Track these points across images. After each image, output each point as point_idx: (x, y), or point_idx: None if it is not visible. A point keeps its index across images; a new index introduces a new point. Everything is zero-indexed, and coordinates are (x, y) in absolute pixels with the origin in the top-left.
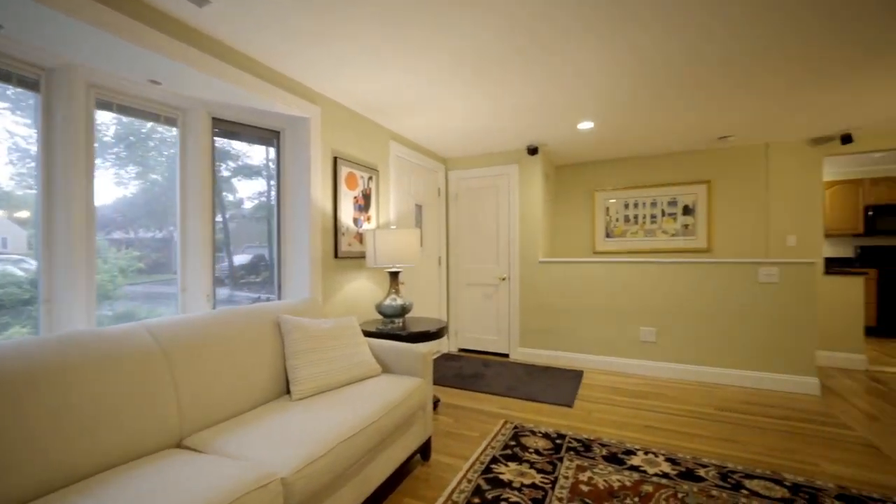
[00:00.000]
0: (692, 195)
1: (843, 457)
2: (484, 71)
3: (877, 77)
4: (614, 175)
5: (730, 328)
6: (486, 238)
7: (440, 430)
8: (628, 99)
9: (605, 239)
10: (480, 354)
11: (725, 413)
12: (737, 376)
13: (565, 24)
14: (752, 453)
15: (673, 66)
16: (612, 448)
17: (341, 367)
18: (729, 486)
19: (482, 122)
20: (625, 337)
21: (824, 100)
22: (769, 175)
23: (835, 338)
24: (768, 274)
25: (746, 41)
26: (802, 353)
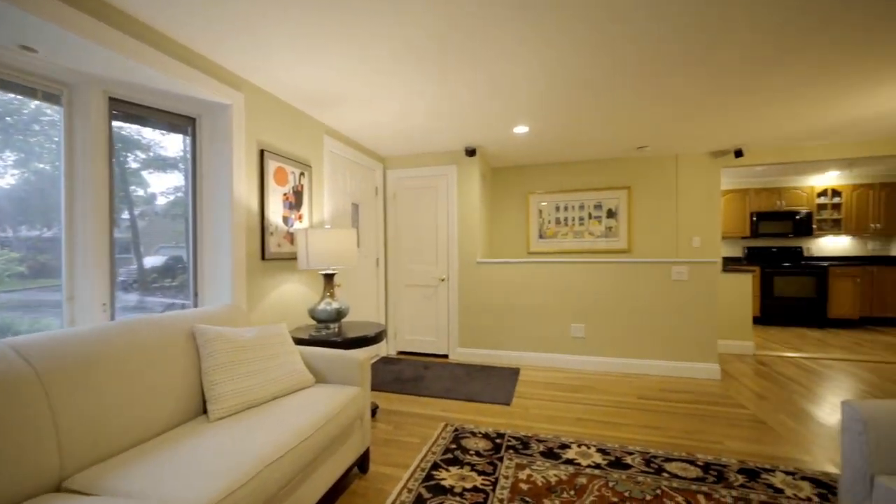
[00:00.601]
0: (615, 199)
1: (741, 434)
2: (424, 69)
3: (763, 100)
4: (547, 179)
5: (648, 322)
6: (426, 239)
7: (379, 439)
8: (559, 107)
9: (538, 240)
10: (420, 356)
11: (646, 401)
12: (654, 366)
13: (497, 35)
14: (669, 437)
15: (594, 80)
16: (548, 443)
17: (268, 379)
18: (652, 470)
19: (421, 121)
20: (557, 334)
21: (721, 118)
22: (678, 183)
23: (729, 328)
24: (679, 272)
25: (654, 64)
26: (707, 343)
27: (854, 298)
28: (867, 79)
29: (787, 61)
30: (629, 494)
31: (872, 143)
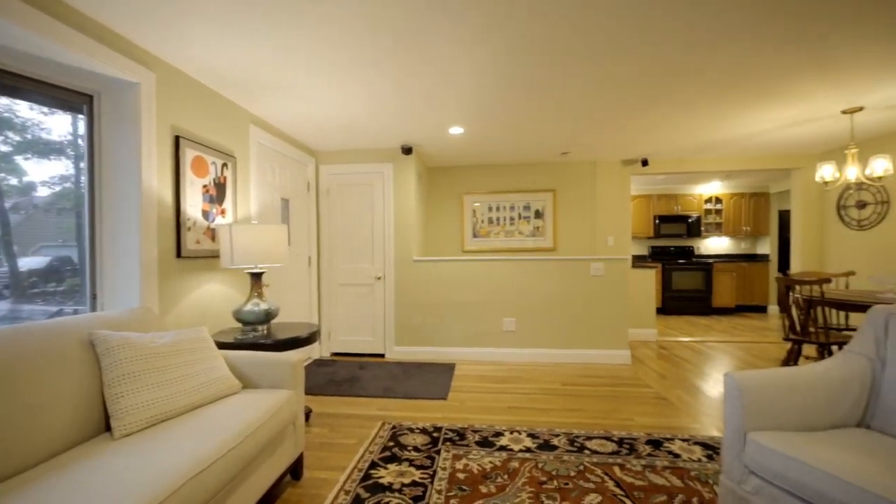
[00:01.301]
0: (542, 201)
1: (647, 409)
2: (360, 62)
3: (662, 116)
4: (481, 180)
5: (570, 315)
6: (361, 236)
7: (313, 443)
8: (492, 112)
9: (472, 239)
10: (356, 357)
11: (569, 387)
12: (576, 355)
13: (429, 37)
14: (590, 418)
15: (524, 88)
16: (483, 433)
17: (187, 388)
18: (575, 449)
19: (357, 117)
20: (491, 328)
21: (630, 131)
22: (596, 187)
23: (637, 318)
24: (597, 268)
25: (570, 78)
26: (619, 332)
27: (731, 290)
28: (742, 104)
29: (678, 86)
30: (556, 472)
31: (745, 158)
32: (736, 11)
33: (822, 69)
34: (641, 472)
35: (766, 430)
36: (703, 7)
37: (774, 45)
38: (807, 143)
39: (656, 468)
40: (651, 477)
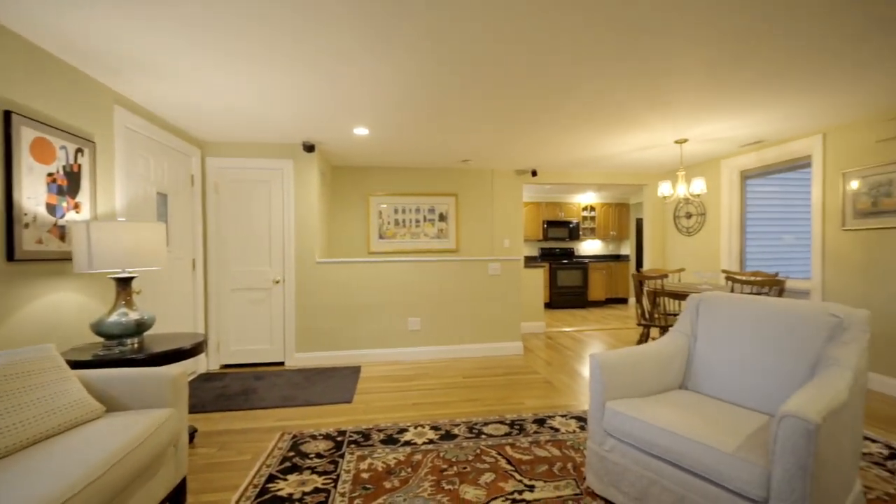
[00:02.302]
0: (446, 205)
1: (535, 393)
2: (255, 50)
3: (546, 134)
4: (387, 181)
5: (471, 312)
6: (258, 237)
7: (199, 466)
8: (396, 117)
9: (378, 240)
10: (251, 368)
11: (470, 379)
12: (476, 349)
13: (339, 43)
14: (487, 406)
15: (428, 98)
16: (388, 431)
17: (25, 419)
18: (474, 435)
19: (251, 108)
20: (396, 328)
21: (521, 145)
22: (494, 193)
23: (529, 312)
24: (494, 268)
25: (464, 100)
26: (513, 325)
27: (602, 285)
28: (603, 130)
29: (554, 114)
30: (456, 459)
31: (611, 174)
32: (589, 61)
33: (657, 107)
34: (528, 447)
35: (619, 399)
36: (562, 56)
37: (621, 85)
38: (652, 164)
39: (540, 443)
40: (536, 451)
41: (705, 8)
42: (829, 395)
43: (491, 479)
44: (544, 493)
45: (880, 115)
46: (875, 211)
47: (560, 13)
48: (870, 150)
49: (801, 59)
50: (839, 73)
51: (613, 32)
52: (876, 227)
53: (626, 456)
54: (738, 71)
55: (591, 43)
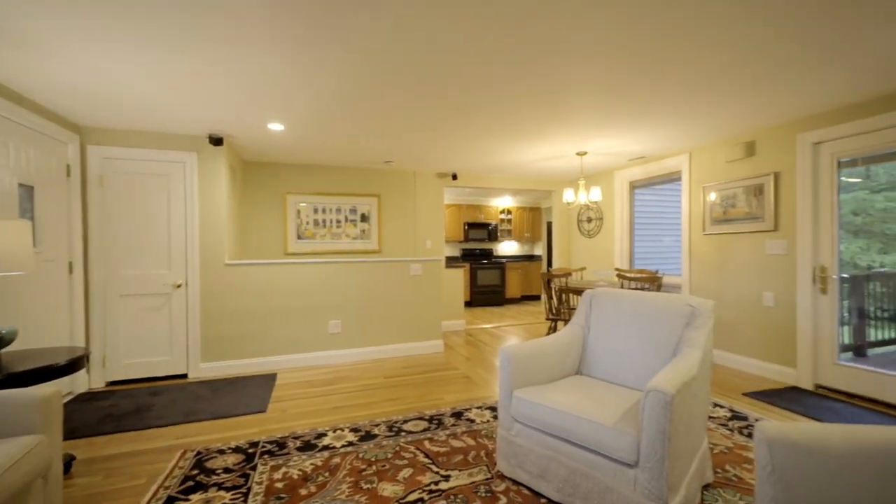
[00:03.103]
0: (368, 205)
1: (454, 388)
2: (150, 26)
3: (460, 140)
4: (306, 180)
5: (393, 312)
6: (155, 237)
7: (78, 498)
8: (314, 114)
9: (296, 241)
10: (146, 383)
11: (391, 379)
12: (398, 349)
13: (240, 33)
14: (407, 404)
15: (348, 103)
16: (305, 437)
17: None
18: (393, 433)
19: (147, 93)
20: (316, 332)
21: (440, 149)
22: (416, 195)
23: (450, 311)
24: (416, 269)
25: (384, 101)
26: (434, 324)
27: (518, 284)
28: (513, 140)
29: (468, 122)
30: (375, 458)
31: (525, 180)
32: (499, 80)
33: (560, 122)
34: (446, 440)
35: (525, 387)
36: (469, 77)
37: (527, 101)
38: (558, 173)
39: (457, 434)
40: (453, 442)
41: (596, 43)
42: (683, 370)
43: (409, 474)
44: (459, 481)
45: (729, 140)
46: (725, 218)
47: (473, 28)
48: (722, 169)
49: (672, 93)
50: (700, 106)
51: (520, 55)
52: (726, 231)
53: (529, 438)
54: (624, 98)
55: (500, 62)
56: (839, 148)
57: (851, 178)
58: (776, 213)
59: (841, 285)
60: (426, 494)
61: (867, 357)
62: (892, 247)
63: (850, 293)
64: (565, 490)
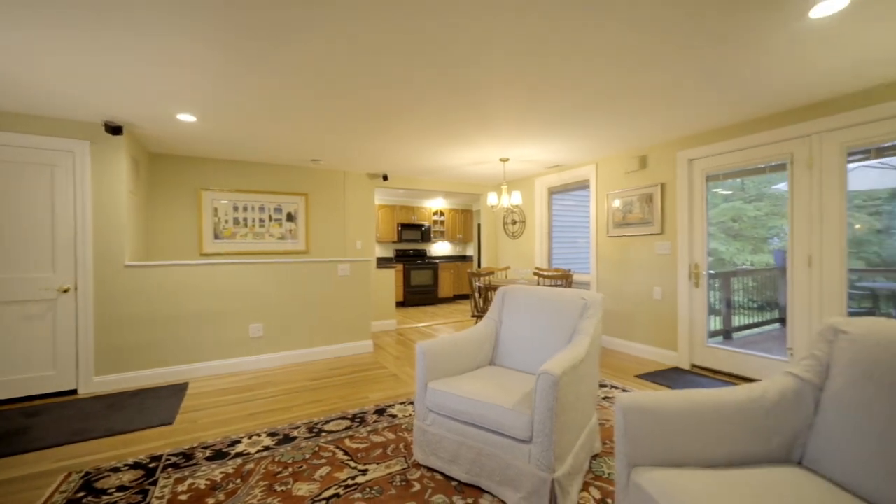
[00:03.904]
0: (294, 204)
1: (381, 386)
2: None
3: (388, 141)
4: (225, 176)
5: (319, 314)
6: (34, 236)
7: None
8: (229, 107)
9: (213, 240)
10: (23, 403)
11: (316, 382)
12: (325, 351)
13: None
14: (331, 405)
15: (267, 100)
16: (216, 447)
17: None
18: (314, 434)
19: (24, 66)
20: (235, 337)
21: (371, 149)
22: (346, 195)
23: (381, 311)
24: (344, 269)
25: (319, 102)
26: (363, 325)
27: (451, 283)
28: (442, 144)
29: (393, 124)
30: (293, 460)
31: (456, 183)
32: (429, 86)
33: (483, 130)
34: (367, 436)
35: (439, 379)
36: (388, 77)
37: (451, 107)
38: (486, 176)
39: (378, 430)
40: (373, 438)
41: (507, 66)
42: (572, 355)
43: (326, 472)
44: (376, 474)
45: (627, 154)
46: (625, 222)
47: (392, 29)
48: (622, 179)
49: (579, 110)
50: (603, 123)
51: (438, 66)
52: (625, 234)
53: (442, 426)
54: (535, 112)
55: (421, 64)
56: (707, 164)
57: (725, 191)
58: (662, 218)
59: (710, 281)
60: (342, 490)
61: (733, 339)
62: (759, 248)
63: (721, 287)
64: (473, 471)
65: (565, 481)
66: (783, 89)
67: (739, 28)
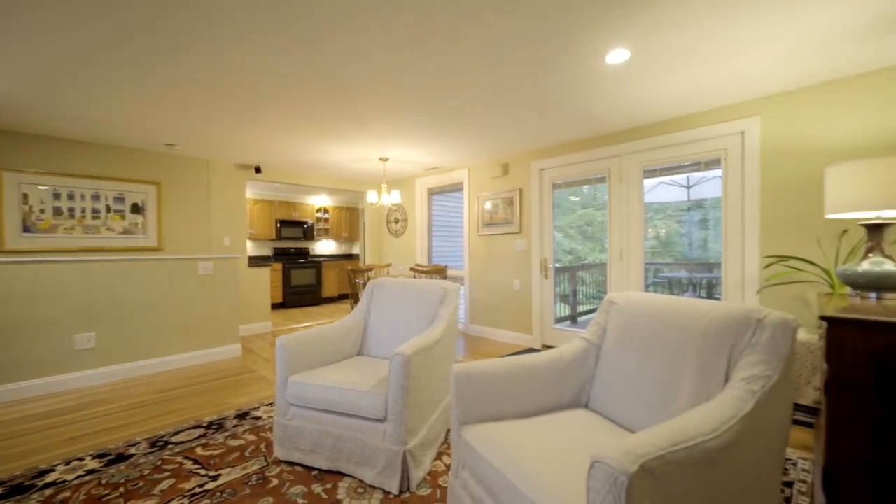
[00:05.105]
0: (142, 194)
1: (247, 390)
2: None
3: (266, 128)
4: (40, 154)
5: (175, 318)
6: None
7: None
8: (38, 70)
9: (22, 234)
10: None
11: (166, 393)
12: (181, 359)
13: None
14: (183, 416)
15: (81, 59)
16: (15, 481)
17: None
18: (157, 448)
19: None
20: (53, 351)
21: (240, 137)
22: (210, 186)
23: (254, 313)
24: (205, 267)
25: (164, 69)
26: (230, 328)
27: (336, 283)
28: (320, 139)
29: (261, 112)
30: (126, 479)
31: (340, 179)
32: (291, 73)
33: (359, 127)
34: (223, 442)
35: (301, 372)
36: (263, 55)
37: (324, 101)
38: (368, 175)
39: (238, 434)
40: (231, 443)
41: (387, 68)
42: (426, 338)
43: (169, 485)
44: (230, 477)
45: (493, 161)
46: (492, 222)
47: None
48: (489, 183)
49: (452, 119)
50: (470, 134)
51: (311, 57)
52: (492, 233)
53: (303, 418)
54: (412, 113)
55: (288, 55)
56: (553, 174)
57: (574, 197)
58: (520, 219)
59: (559, 274)
60: (187, 499)
61: (578, 322)
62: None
63: (569, 279)
64: (333, 457)
65: (418, 452)
66: (602, 116)
67: (562, 66)
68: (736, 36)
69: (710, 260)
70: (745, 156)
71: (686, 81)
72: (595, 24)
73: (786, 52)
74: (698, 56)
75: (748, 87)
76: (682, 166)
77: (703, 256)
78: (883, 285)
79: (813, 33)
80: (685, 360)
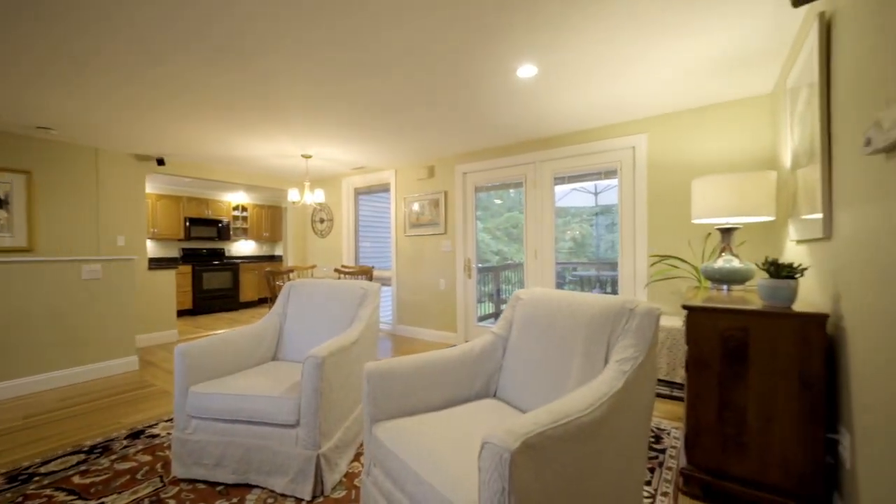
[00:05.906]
0: (6, 184)
1: (143, 407)
2: None
3: (178, 116)
4: None
5: (55, 330)
6: None
7: None
8: None
9: None
10: None
11: (36, 418)
12: (65, 376)
13: None
14: (59, 442)
15: None
16: None
17: None
18: (18, 483)
19: None
20: None
21: (141, 126)
22: (99, 178)
23: (156, 321)
24: (91, 270)
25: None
26: (124, 339)
27: (255, 286)
28: (232, 128)
29: (175, 102)
30: None
31: (259, 176)
32: (193, 51)
33: (275, 122)
34: (109, 466)
35: (205, 381)
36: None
37: (230, 87)
38: (290, 172)
39: (129, 456)
40: (119, 466)
41: (303, 54)
42: (343, 339)
43: None
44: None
45: (419, 163)
46: (419, 223)
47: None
48: (416, 185)
49: (376, 120)
50: (397, 134)
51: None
52: (418, 234)
53: (207, 431)
54: (331, 111)
55: (192, 32)
56: (476, 178)
57: (498, 200)
58: (446, 220)
59: (482, 273)
60: None
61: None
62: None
63: (492, 279)
64: (240, 469)
65: (332, 455)
66: (518, 125)
67: (482, 75)
68: (626, 62)
69: (615, 259)
70: (636, 167)
71: (587, 99)
72: (506, 39)
73: (666, 80)
74: (597, 77)
75: (639, 108)
76: (588, 175)
77: (611, 256)
78: (731, 279)
79: (683, 66)
80: (575, 347)
